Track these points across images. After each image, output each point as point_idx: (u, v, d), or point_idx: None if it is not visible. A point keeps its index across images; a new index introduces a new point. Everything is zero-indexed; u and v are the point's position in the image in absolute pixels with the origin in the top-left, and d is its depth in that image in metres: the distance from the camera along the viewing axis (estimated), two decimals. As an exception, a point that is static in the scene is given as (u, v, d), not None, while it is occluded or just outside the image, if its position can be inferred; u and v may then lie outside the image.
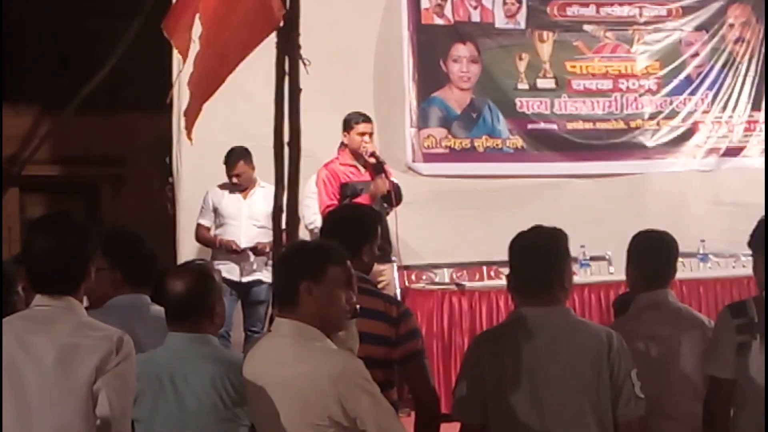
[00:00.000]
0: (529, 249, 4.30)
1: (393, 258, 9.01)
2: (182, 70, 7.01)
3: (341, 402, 3.63)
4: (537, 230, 4.38)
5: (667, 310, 4.87)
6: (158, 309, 4.38)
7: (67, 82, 13.34)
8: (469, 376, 4.27)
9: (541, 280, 4.24)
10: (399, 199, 8.79)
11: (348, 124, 8.85)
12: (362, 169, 8.81)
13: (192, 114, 6.45)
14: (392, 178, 8.86)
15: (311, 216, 8.55)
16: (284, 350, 3.75)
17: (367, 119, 8.88)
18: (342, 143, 8.91)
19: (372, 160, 8.72)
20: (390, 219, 8.70)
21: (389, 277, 8.70)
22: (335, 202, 8.50)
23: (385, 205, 8.67)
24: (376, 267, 5.26)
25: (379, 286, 6.82)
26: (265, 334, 4.39)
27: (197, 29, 6.44)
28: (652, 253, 4.99)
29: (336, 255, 3.85)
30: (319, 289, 3.76)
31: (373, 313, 4.36)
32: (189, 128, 6.54)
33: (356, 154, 8.81)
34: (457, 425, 4.36)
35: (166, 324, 4.19)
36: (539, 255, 4.28)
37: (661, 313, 4.85)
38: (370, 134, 8.85)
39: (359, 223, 4.72)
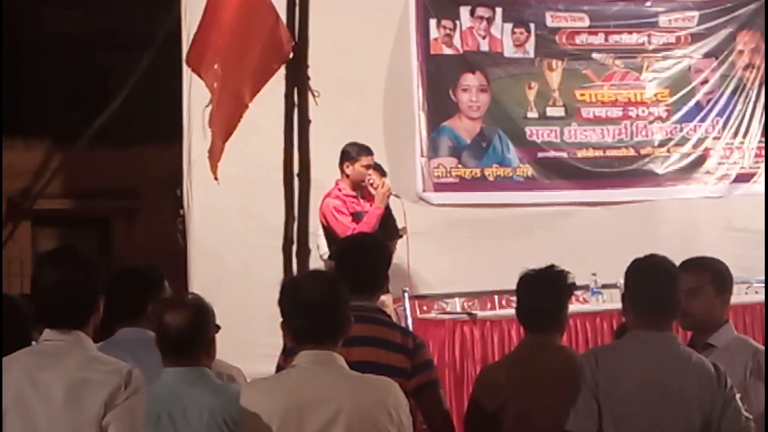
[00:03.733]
0: (650, 275, 4.37)
1: (405, 289, 9.01)
2: (191, 103, 7.04)
3: (395, 422, 3.72)
4: (657, 257, 4.45)
5: None
6: None
7: (78, 115, 13.37)
8: (585, 389, 4.27)
9: (659, 306, 4.31)
10: (396, 233, 8.82)
11: (349, 155, 8.85)
12: (362, 200, 8.85)
13: (215, 153, 6.52)
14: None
15: (325, 246, 8.61)
16: (331, 381, 3.75)
17: (370, 151, 8.89)
18: (344, 174, 8.90)
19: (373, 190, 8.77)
20: (399, 250, 8.71)
21: (390, 309, 8.62)
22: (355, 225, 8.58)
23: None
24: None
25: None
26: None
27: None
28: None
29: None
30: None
31: (390, 344, 4.38)
32: (214, 167, 6.60)
33: (356, 186, 8.83)
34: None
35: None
36: (662, 281, 4.34)
37: None
38: (373, 166, 8.87)
39: (371, 255, 4.74)
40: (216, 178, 6.65)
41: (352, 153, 8.86)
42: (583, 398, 4.23)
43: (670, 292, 4.33)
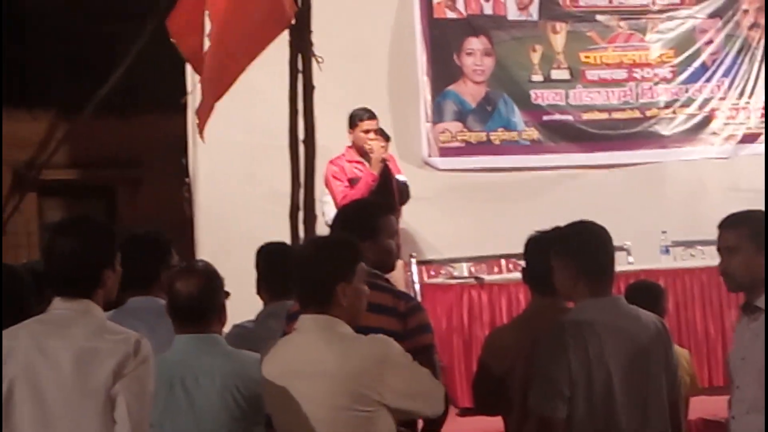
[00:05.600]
0: (595, 240, 4.44)
1: (412, 254, 8.99)
2: (193, 72, 7.02)
3: (387, 382, 3.71)
4: (589, 223, 4.51)
5: None
6: None
7: (83, 85, 13.34)
8: (554, 367, 4.26)
9: (607, 271, 4.41)
10: (407, 197, 8.77)
11: (353, 121, 8.82)
12: (368, 165, 8.78)
13: (204, 112, 6.47)
14: (399, 176, 8.81)
15: (331, 212, 8.54)
16: (321, 344, 3.77)
17: (371, 116, 8.84)
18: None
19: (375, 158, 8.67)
20: (406, 215, 8.70)
21: (398, 275, 8.53)
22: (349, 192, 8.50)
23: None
24: None
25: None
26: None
27: (206, 27, 6.45)
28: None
29: (359, 250, 3.95)
30: (351, 287, 3.85)
31: (380, 307, 4.33)
32: (201, 127, 6.57)
33: (361, 151, 8.79)
34: (474, 419, 4.38)
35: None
36: (607, 247, 4.45)
37: None
38: (375, 131, 8.81)
39: (365, 221, 4.65)
40: (202, 138, 6.64)
41: (354, 118, 8.83)
42: (554, 375, 4.23)
43: (609, 256, 4.46)
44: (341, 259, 3.87)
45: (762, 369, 4.09)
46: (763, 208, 4.57)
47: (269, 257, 5.37)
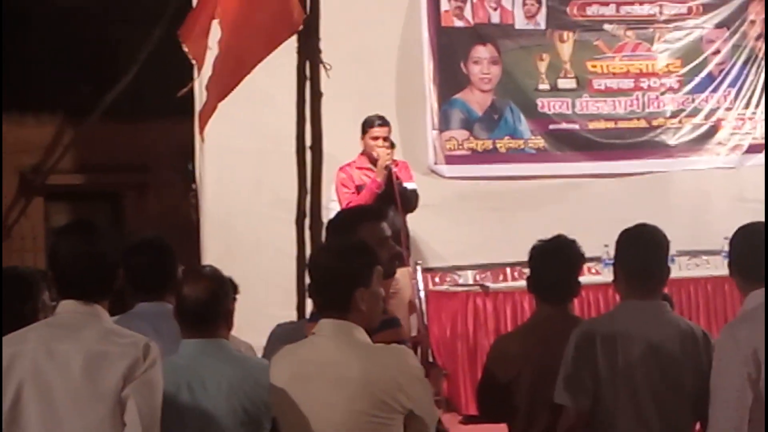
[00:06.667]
0: (642, 242, 4.44)
1: (418, 262, 9.00)
2: (199, 76, 7.04)
3: (404, 391, 3.72)
4: (646, 227, 4.51)
5: None
6: None
7: (89, 90, 13.37)
8: (581, 364, 4.30)
9: (650, 273, 4.39)
10: (415, 204, 8.77)
11: (364, 127, 8.84)
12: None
13: (206, 114, 6.51)
14: (407, 184, 8.80)
15: (336, 219, 8.54)
16: (342, 349, 3.78)
17: (383, 123, 8.83)
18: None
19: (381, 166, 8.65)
20: (411, 223, 8.70)
21: (404, 283, 8.52)
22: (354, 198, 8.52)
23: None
24: None
25: (392, 291, 6.78)
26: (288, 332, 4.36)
27: (215, 34, 6.47)
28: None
29: (376, 254, 3.95)
30: (369, 292, 3.85)
31: None
32: (202, 127, 6.62)
33: (371, 158, 8.80)
34: (478, 427, 4.39)
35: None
36: (654, 248, 4.44)
37: None
38: (385, 138, 8.81)
39: (343, 228, 4.55)
40: (202, 138, 6.64)
41: (365, 124, 8.84)
42: (577, 372, 4.26)
43: (660, 260, 4.42)
44: (359, 264, 3.86)
45: None
46: (767, 218, 4.59)
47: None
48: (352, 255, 3.90)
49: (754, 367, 3.93)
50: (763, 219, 4.45)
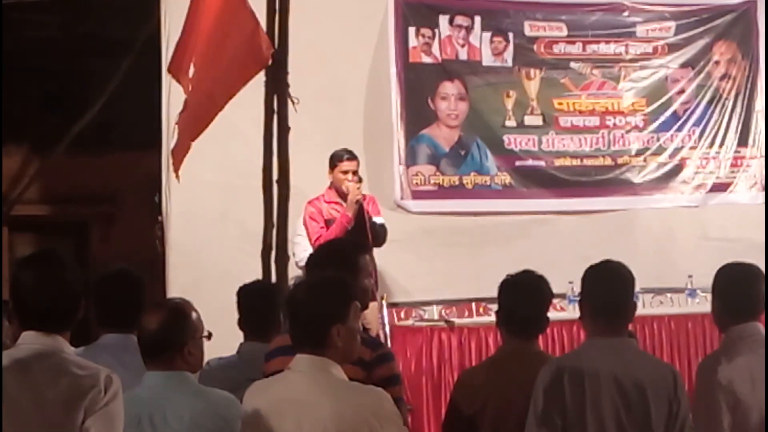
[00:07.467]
0: (608, 279, 4.45)
1: (383, 296, 9.00)
2: (170, 109, 7.06)
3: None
4: (612, 264, 4.52)
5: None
6: None
7: (56, 121, 13.32)
8: (551, 397, 4.31)
9: (616, 311, 4.40)
10: (384, 239, 8.78)
11: (332, 161, 8.85)
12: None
13: (180, 152, 6.51)
14: (376, 218, 8.83)
15: (301, 253, 8.52)
16: (317, 387, 3.75)
17: (351, 157, 8.85)
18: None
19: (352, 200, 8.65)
20: (377, 257, 8.70)
21: (372, 317, 8.52)
22: (324, 233, 8.51)
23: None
24: None
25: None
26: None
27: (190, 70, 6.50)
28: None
29: (354, 288, 3.95)
30: (345, 328, 3.83)
31: None
32: (176, 166, 6.60)
33: (340, 192, 8.81)
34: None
35: None
36: (620, 286, 4.44)
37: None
38: (354, 172, 8.83)
39: (343, 260, 4.62)
40: (177, 177, 6.64)
41: (334, 158, 8.85)
42: (546, 408, 4.27)
43: (627, 297, 4.44)
44: (336, 300, 3.85)
45: None
46: (731, 257, 4.63)
47: (249, 297, 5.39)
48: (330, 290, 3.88)
49: (732, 398, 4.16)
50: (726, 257, 4.49)
